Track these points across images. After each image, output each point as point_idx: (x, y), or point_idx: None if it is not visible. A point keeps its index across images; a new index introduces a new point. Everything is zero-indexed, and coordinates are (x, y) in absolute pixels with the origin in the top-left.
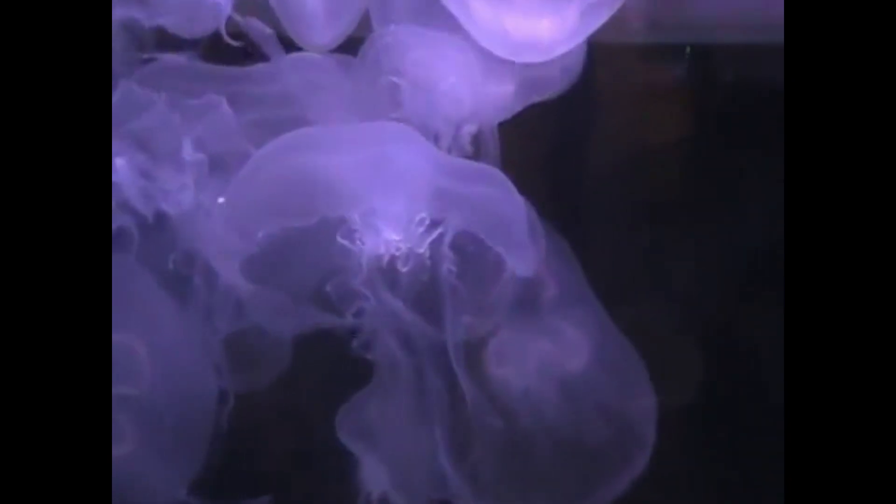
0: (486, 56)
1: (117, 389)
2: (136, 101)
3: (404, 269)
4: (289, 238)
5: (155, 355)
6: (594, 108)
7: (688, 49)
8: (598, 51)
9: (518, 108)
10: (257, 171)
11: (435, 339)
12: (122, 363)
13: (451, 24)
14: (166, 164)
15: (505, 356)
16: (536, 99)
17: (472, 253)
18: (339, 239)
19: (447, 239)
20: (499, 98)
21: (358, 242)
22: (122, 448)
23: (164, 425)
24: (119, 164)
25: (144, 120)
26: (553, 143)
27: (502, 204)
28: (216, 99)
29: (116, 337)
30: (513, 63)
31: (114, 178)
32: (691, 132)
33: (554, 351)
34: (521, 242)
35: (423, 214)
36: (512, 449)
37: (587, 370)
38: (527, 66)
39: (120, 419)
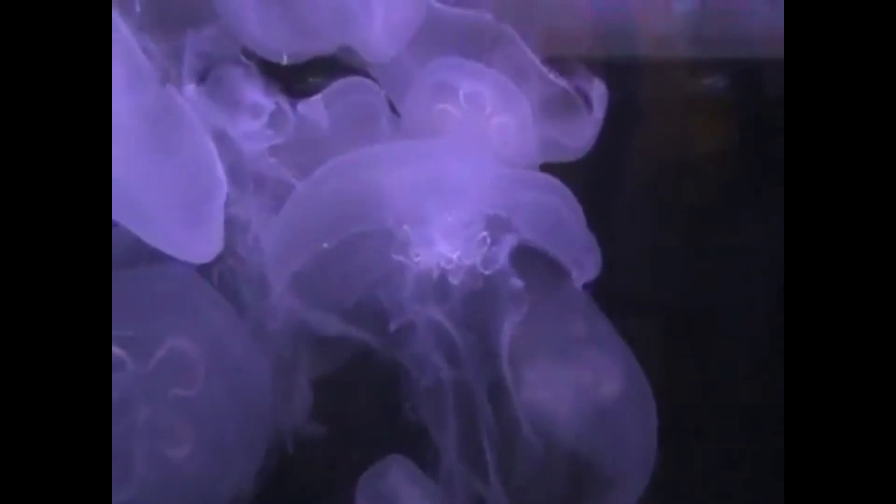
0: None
1: (173, 391)
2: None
3: (455, 283)
4: (343, 251)
5: (209, 357)
6: (637, 121)
7: None
8: (643, 65)
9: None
10: (318, 186)
11: (483, 355)
12: (176, 365)
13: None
14: (241, 105)
15: (538, 380)
16: (550, 160)
17: (530, 264)
18: (393, 254)
19: (506, 252)
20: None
21: (412, 256)
22: (180, 450)
23: (221, 427)
24: (189, 90)
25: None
26: (594, 155)
27: (562, 210)
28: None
29: (171, 340)
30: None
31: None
32: (736, 146)
33: (586, 378)
34: (581, 250)
35: (482, 229)
36: (541, 469)
37: (614, 397)
38: (558, 126)
39: (176, 421)
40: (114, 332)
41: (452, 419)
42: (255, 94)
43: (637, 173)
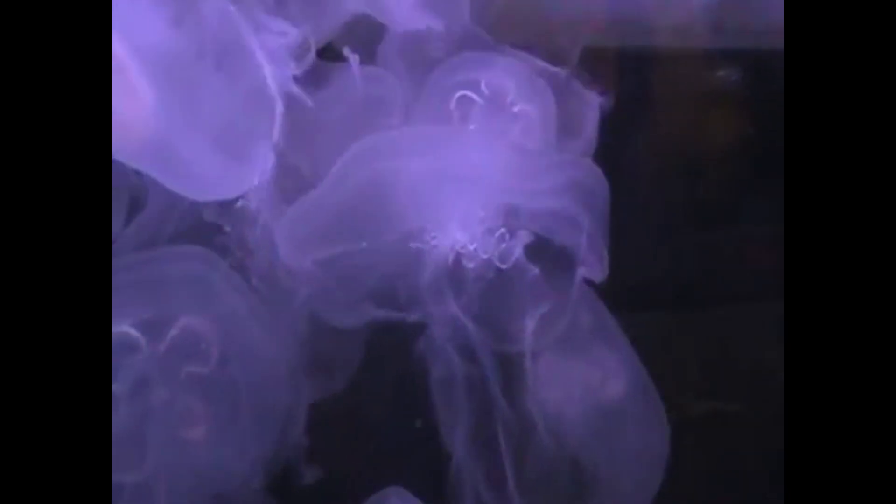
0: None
1: (187, 369)
2: None
3: (471, 266)
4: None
5: (225, 336)
6: (653, 111)
7: None
8: (659, 55)
9: None
10: (338, 183)
11: (499, 350)
12: (190, 343)
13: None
14: (266, 26)
15: (549, 379)
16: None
17: (543, 257)
18: (410, 243)
19: (522, 246)
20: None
21: (429, 241)
22: (194, 431)
23: (235, 407)
24: None
25: None
26: (606, 147)
27: (592, 188)
28: None
29: (185, 319)
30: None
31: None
32: (751, 137)
33: (594, 376)
34: (599, 235)
35: (500, 223)
36: (550, 468)
37: (622, 398)
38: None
39: (190, 401)
40: (130, 314)
41: (464, 414)
42: (282, 22)
43: (649, 166)
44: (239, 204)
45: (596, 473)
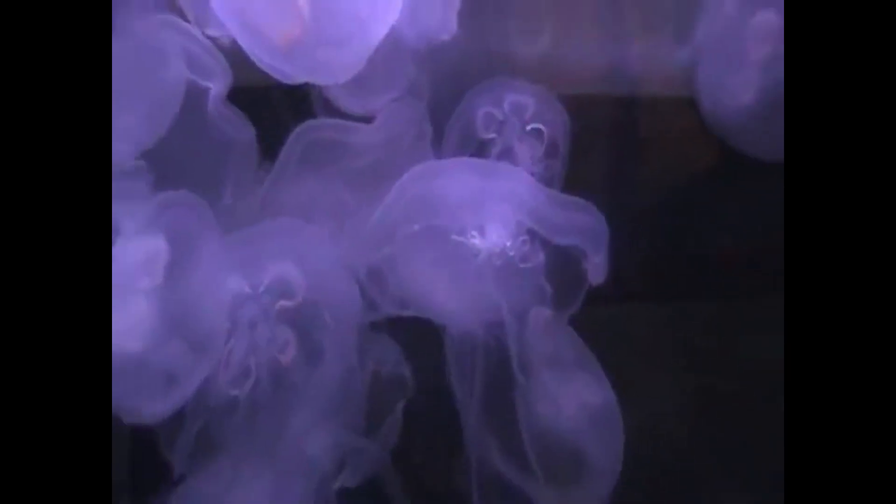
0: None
1: (280, 304)
2: None
3: (498, 263)
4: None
5: (313, 275)
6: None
7: None
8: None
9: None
10: (396, 197)
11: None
12: (283, 285)
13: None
14: None
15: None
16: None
17: (558, 259)
18: (453, 236)
19: (539, 254)
20: None
21: (469, 237)
22: (287, 355)
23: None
24: None
25: None
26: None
27: (591, 223)
28: None
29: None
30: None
31: None
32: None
33: (582, 392)
34: (600, 253)
35: (522, 231)
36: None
37: (601, 407)
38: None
39: (283, 330)
40: (239, 276)
41: (479, 381)
42: None
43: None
44: None
45: (585, 458)
